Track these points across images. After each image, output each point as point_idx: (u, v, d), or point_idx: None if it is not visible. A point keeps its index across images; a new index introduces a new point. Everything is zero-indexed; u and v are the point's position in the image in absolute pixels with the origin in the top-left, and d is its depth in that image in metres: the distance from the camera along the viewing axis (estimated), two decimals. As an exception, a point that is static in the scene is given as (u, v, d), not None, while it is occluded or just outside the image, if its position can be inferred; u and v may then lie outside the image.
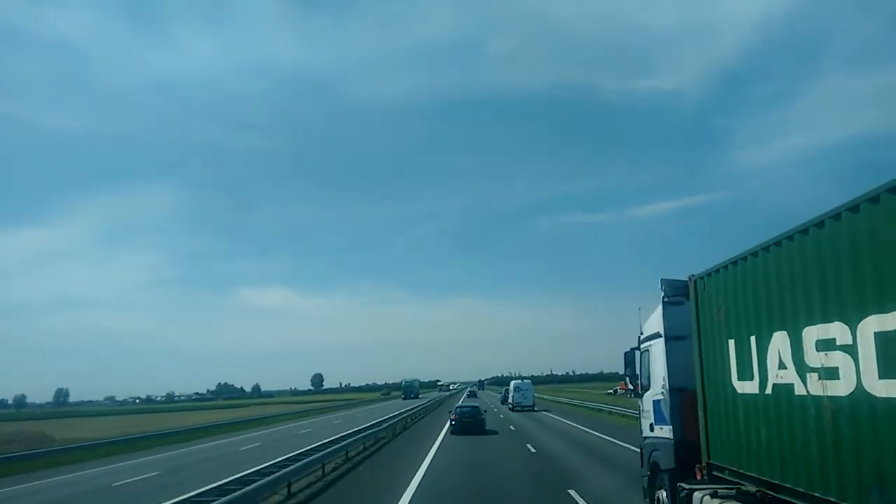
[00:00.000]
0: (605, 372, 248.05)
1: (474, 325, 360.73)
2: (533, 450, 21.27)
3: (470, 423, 28.00)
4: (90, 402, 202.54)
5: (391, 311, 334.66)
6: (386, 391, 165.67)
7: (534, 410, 48.67)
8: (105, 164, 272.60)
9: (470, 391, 76.64)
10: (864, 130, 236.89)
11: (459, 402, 41.20)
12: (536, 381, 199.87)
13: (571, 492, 12.54)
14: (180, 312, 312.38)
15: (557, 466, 17.12)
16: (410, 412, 42.03)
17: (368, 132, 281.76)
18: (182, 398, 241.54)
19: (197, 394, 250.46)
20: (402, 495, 12.63)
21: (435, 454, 20.35)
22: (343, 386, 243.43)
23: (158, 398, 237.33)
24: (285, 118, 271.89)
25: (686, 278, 8.26)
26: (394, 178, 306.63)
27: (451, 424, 29.18)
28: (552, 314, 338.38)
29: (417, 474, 15.53)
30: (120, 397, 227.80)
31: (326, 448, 18.41)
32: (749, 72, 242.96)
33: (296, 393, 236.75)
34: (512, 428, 32.03)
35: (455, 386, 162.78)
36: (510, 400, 53.16)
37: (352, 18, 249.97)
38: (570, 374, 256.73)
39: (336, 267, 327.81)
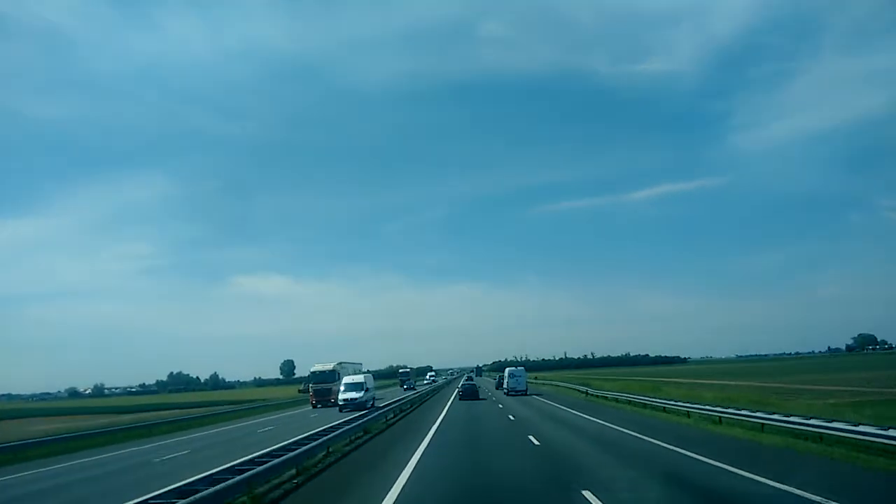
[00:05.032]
0: (632, 354, 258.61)
1: (475, 311, 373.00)
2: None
3: (470, 393, 53.44)
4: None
5: (388, 297, 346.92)
6: (305, 386, 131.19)
7: (526, 394, 57.65)
8: (94, 152, 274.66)
9: (468, 376, 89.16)
10: (864, 112, 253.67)
11: (462, 382, 64.09)
12: (549, 365, 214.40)
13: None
14: (166, 301, 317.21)
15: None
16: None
17: (363, 117, 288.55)
18: (116, 390, 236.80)
19: (141, 385, 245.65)
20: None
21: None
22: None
23: (85, 391, 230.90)
24: (276, 104, 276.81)
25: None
26: (390, 163, 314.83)
27: (458, 394, 55.34)
28: (557, 298, 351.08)
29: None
30: (81, 388, 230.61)
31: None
32: (746, 53, 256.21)
33: (261, 383, 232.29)
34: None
35: (434, 377, 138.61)
36: (505, 385, 61.82)
37: (340, 1, 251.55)
38: (589, 356, 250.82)
39: (332, 253, 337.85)
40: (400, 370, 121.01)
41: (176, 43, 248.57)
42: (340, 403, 43.46)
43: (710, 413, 26.38)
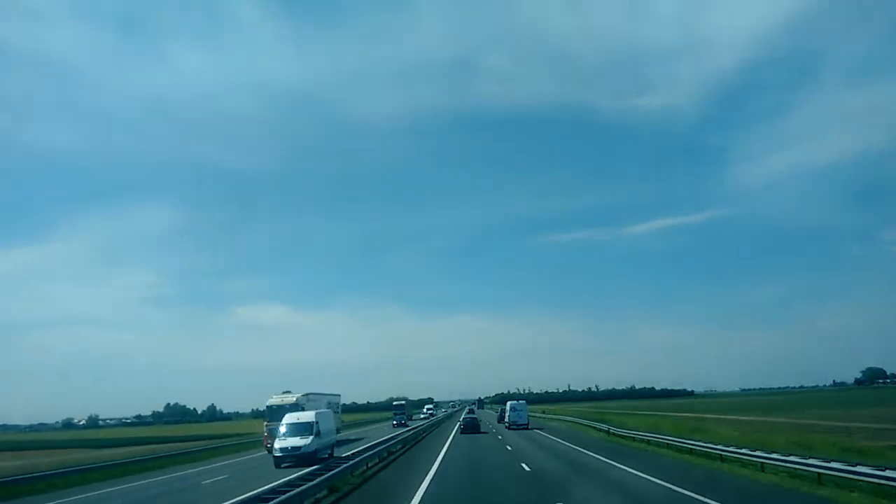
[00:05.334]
0: (637, 387, 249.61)
1: (477, 343, 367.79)
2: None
3: (472, 427, 52.54)
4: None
5: (390, 328, 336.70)
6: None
7: (527, 428, 55.59)
8: (98, 182, 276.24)
9: (469, 409, 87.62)
10: (863, 146, 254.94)
11: (463, 415, 62.63)
12: (553, 398, 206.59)
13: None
14: (166, 331, 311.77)
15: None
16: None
17: (366, 148, 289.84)
18: (111, 421, 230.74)
19: (137, 416, 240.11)
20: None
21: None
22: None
23: (79, 422, 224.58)
24: (281, 135, 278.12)
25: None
26: (392, 194, 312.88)
27: (460, 427, 54.30)
28: (560, 330, 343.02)
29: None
30: (77, 418, 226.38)
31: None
32: (746, 87, 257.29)
33: (258, 414, 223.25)
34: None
35: (432, 410, 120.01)
36: (506, 419, 60.22)
37: (345, 35, 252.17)
38: (593, 389, 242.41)
39: (334, 284, 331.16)
40: (395, 402, 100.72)
41: (182, 75, 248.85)
42: (276, 455, 29.78)
43: (797, 468, 19.15)
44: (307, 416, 32.22)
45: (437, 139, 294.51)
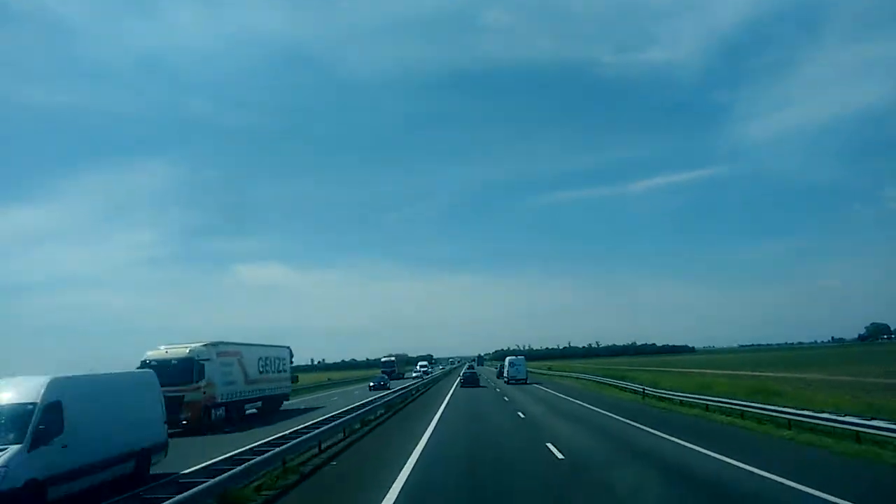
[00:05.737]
0: (638, 343, 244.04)
1: (477, 300, 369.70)
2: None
3: (472, 381, 55.02)
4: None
5: (390, 287, 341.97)
6: None
7: (526, 383, 56.79)
8: (94, 141, 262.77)
9: (469, 365, 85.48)
10: (867, 102, 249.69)
11: (463, 371, 66.30)
12: (553, 354, 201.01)
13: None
14: (166, 290, 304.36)
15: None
16: None
17: (363, 105, 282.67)
18: None
19: None
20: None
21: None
22: (316, 363, 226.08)
23: None
24: (278, 93, 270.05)
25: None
26: (389, 152, 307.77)
27: (460, 381, 56.64)
28: (560, 287, 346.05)
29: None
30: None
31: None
32: (749, 43, 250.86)
33: None
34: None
35: (426, 367, 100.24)
36: (505, 374, 61.82)
37: None
38: (594, 345, 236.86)
39: (334, 243, 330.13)
40: (383, 359, 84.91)
41: (177, 30, 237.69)
42: None
43: None
44: (17, 390, 12.30)
45: (434, 97, 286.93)
